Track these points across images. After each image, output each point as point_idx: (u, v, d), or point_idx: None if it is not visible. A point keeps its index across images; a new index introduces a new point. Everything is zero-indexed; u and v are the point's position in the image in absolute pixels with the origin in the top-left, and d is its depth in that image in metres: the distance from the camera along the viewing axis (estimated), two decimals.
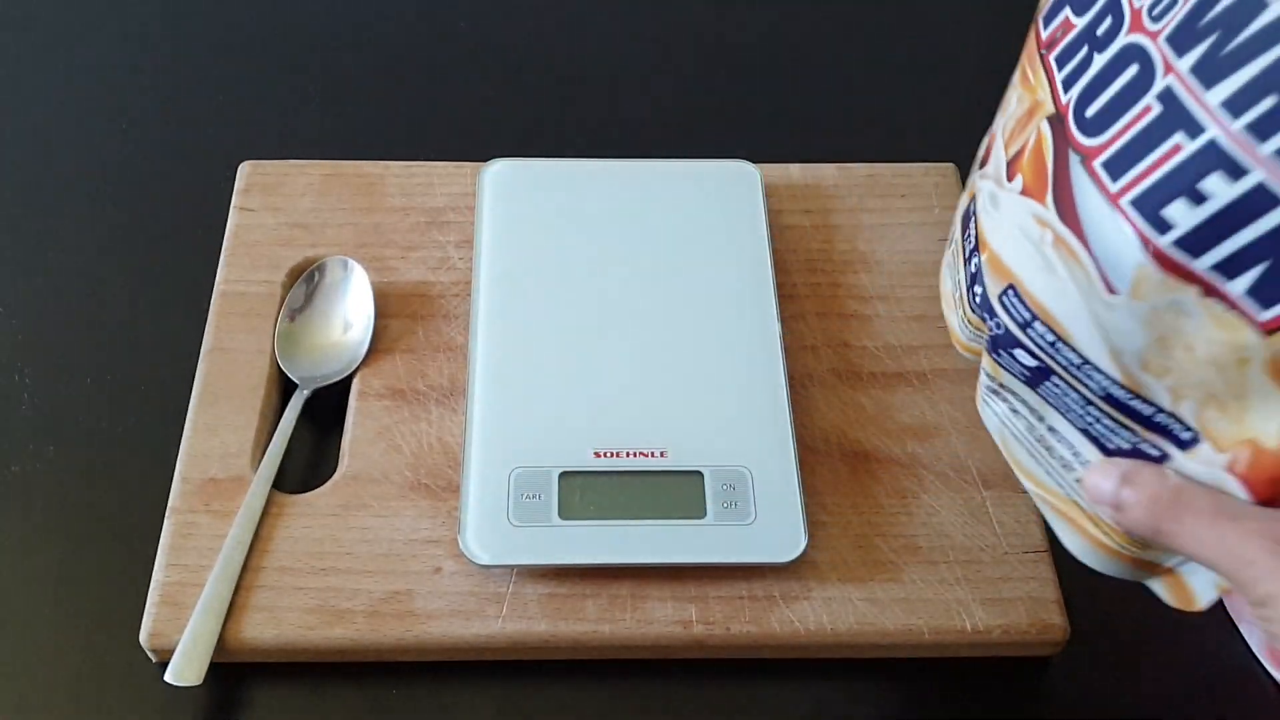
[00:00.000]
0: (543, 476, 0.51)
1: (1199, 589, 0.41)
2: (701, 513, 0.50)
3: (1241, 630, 0.52)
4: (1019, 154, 0.41)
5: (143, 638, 0.48)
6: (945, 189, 0.63)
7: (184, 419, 0.53)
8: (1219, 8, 0.33)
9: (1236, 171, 0.33)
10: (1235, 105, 0.32)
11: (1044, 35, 0.41)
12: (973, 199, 0.44)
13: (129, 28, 0.71)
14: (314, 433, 0.55)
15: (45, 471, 0.54)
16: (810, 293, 0.59)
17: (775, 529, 0.50)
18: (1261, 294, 0.33)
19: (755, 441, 0.52)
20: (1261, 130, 0.32)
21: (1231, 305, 0.34)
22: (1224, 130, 0.33)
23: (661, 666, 0.50)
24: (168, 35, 0.71)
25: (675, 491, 0.51)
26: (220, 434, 0.53)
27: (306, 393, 0.54)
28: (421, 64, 0.71)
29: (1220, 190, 0.33)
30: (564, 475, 0.51)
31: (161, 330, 0.58)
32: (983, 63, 0.56)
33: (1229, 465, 0.37)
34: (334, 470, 0.53)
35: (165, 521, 0.51)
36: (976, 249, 0.44)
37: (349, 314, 0.56)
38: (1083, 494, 0.42)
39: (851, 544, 0.52)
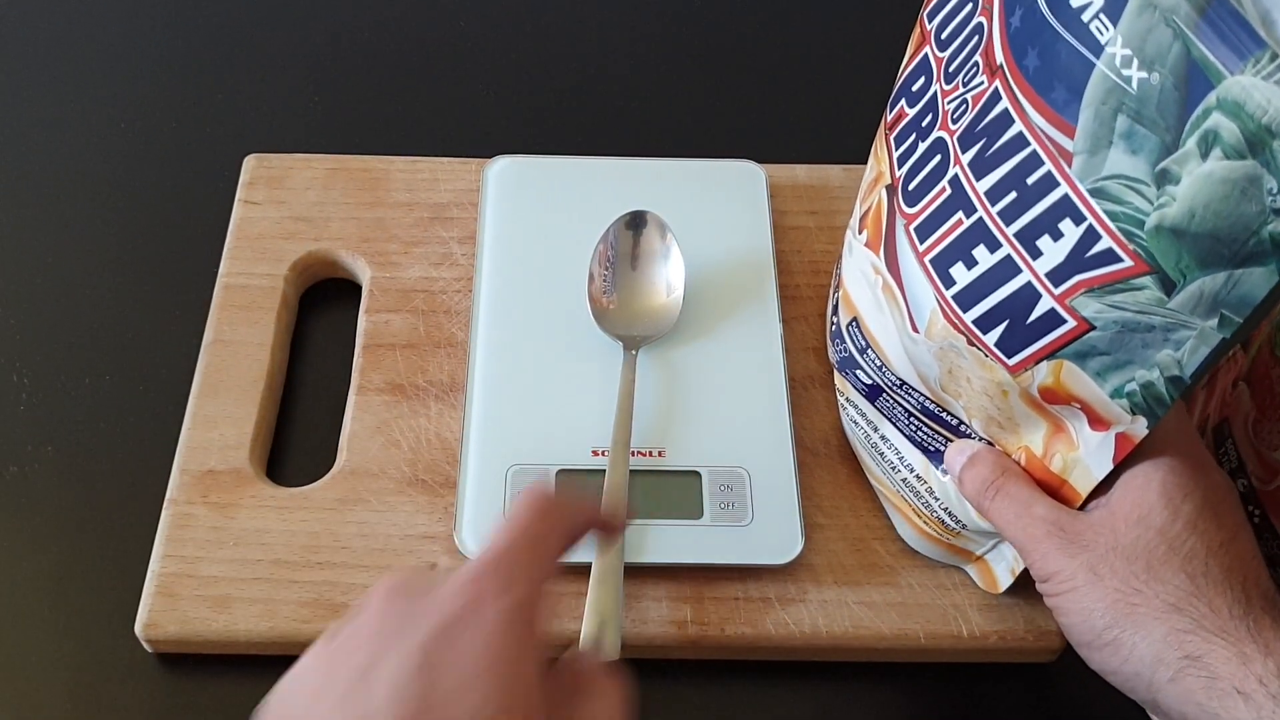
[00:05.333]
0: (540, 474, 0.51)
1: (1000, 575, 0.49)
2: (699, 513, 0.50)
3: None
4: (867, 212, 0.50)
5: (138, 628, 0.48)
6: None
7: (184, 412, 0.53)
8: (985, 120, 0.41)
9: (993, 245, 0.41)
10: (992, 195, 0.40)
11: (889, 118, 0.49)
12: (846, 243, 0.52)
13: (133, 20, 0.71)
14: (312, 426, 0.55)
15: (45, 470, 0.54)
16: (813, 294, 0.59)
17: (772, 530, 0.50)
18: (1004, 345, 0.42)
19: (754, 442, 0.52)
20: (1007, 216, 0.40)
21: (989, 352, 0.42)
22: (986, 213, 0.41)
23: (657, 667, 0.50)
24: (173, 28, 0.71)
25: (673, 491, 0.51)
26: (220, 426, 0.53)
27: (634, 353, 0.54)
28: (427, 59, 0.71)
29: (983, 259, 0.41)
30: (561, 473, 0.51)
31: (163, 323, 0.58)
32: None
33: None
34: (332, 464, 0.53)
35: (163, 512, 0.51)
36: (839, 285, 0.53)
37: (670, 278, 0.56)
38: (908, 491, 0.50)
39: (849, 547, 0.51)
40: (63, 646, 0.50)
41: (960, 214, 0.42)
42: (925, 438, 0.49)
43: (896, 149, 0.48)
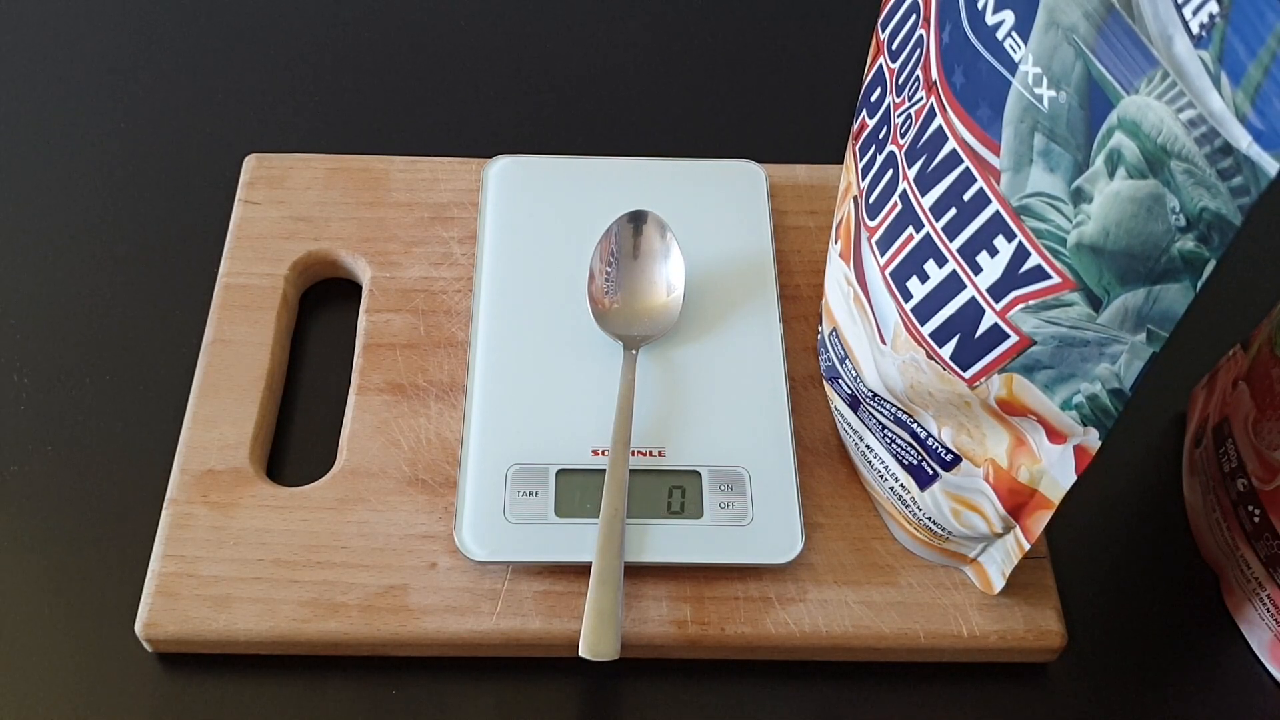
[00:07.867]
0: (540, 473, 0.51)
1: (994, 576, 0.49)
2: (699, 513, 0.50)
3: (1242, 630, 0.52)
4: (840, 222, 0.50)
5: (138, 628, 0.48)
6: None
7: (184, 412, 0.53)
8: (925, 135, 0.41)
9: (940, 260, 0.41)
10: (935, 211, 0.40)
11: (854, 128, 0.49)
12: (828, 252, 0.52)
13: (133, 20, 0.71)
14: (312, 426, 0.55)
15: (45, 470, 0.54)
16: (813, 294, 0.59)
17: (772, 530, 0.50)
18: (958, 359, 0.42)
19: (754, 442, 0.52)
20: (950, 232, 0.40)
21: (946, 365, 0.42)
22: (932, 228, 0.41)
23: (657, 666, 0.50)
24: (173, 27, 0.71)
25: (672, 491, 0.51)
26: (220, 426, 0.53)
27: (634, 352, 0.54)
28: (427, 59, 0.71)
29: (934, 273, 0.41)
30: (561, 472, 0.51)
31: (163, 323, 0.58)
32: None
33: (984, 477, 0.46)
34: (332, 464, 0.53)
35: (163, 512, 0.51)
36: (824, 293, 0.53)
37: (670, 277, 0.56)
38: (896, 500, 0.50)
39: (848, 546, 0.51)
40: (63, 646, 0.50)
41: (911, 229, 0.42)
42: (900, 450, 0.49)
43: (860, 160, 0.48)
